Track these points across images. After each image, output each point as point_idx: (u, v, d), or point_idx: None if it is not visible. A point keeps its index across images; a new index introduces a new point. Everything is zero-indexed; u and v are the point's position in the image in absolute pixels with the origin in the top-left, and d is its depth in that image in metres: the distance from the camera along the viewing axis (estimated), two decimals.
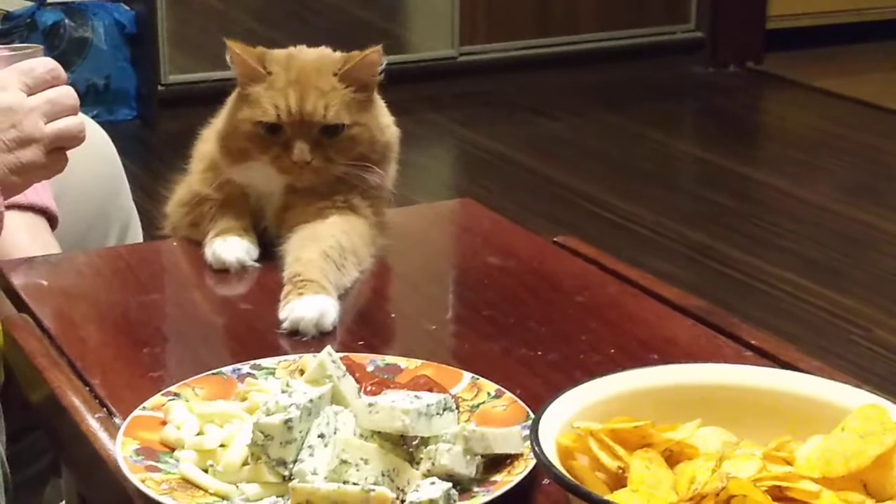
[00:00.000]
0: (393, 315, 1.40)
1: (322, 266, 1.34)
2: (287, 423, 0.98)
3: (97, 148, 1.71)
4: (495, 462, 1.00)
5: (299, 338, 1.26)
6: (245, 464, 1.00)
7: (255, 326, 1.31)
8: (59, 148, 1.31)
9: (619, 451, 0.93)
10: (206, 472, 1.00)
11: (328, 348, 1.06)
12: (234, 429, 1.03)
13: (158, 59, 4.39)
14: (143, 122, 4.46)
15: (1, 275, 1.40)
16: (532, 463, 0.98)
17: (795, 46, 5.27)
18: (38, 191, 1.56)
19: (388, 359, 1.16)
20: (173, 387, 1.11)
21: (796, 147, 4.40)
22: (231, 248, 1.42)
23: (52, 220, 1.60)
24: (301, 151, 1.40)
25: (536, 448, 0.91)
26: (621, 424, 0.94)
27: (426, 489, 0.95)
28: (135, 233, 1.78)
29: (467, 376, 1.13)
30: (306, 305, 1.27)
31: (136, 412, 1.07)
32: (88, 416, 1.10)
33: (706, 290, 3.11)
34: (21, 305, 1.34)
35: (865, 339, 2.98)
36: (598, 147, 4.36)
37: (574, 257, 1.46)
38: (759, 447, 0.94)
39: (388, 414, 0.98)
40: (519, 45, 4.95)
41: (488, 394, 1.10)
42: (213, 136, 1.47)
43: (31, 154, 1.28)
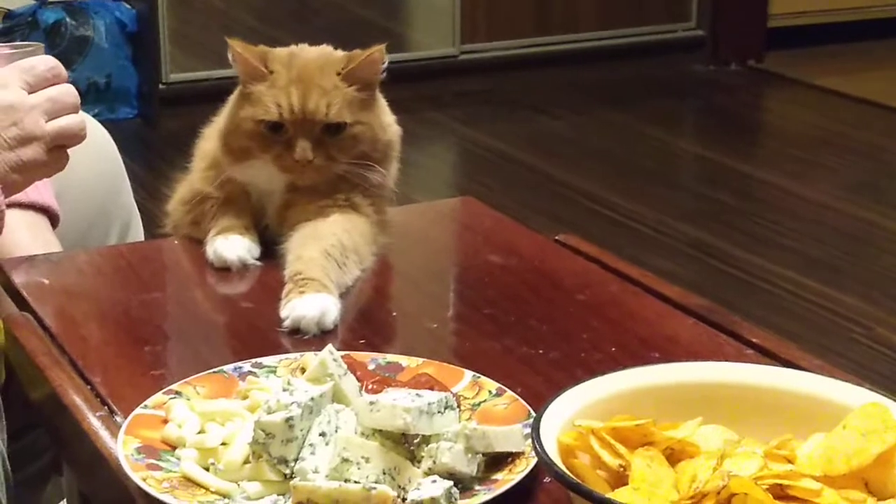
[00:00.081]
0: (394, 313, 1.40)
1: (323, 264, 1.34)
2: (288, 421, 0.98)
3: (98, 146, 1.71)
4: (496, 460, 1.00)
5: (300, 336, 1.26)
6: (246, 462, 1.00)
7: (256, 325, 1.31)
8: (59, 146, 1.31)
9: (621, 449, 0.93)
10: (207, 470, 1.00)
11: (329, 346, 1.06)
12: (236, 427, 1.03)
13: (160, 58, 4.39)
14: (145, 121, 4.45)
15: (2, 273, 1.40)
16: (533, 461, 0.98)
17: (797, 45, 5.27)
18: (39, 189, 1.56)
19: (390, 357, 1.16)
20: (175, 385, 1.11)
21: (797, 145, 4.39)
22: (232, 246, 1.42)
23: (54, 218, 1.60)
24: (303, 150, 1.40)
25: (538, 446, 0.91)
26: (623, 423, 0.94)
27: (427, 487, 0.95)
28: (136, 231, 1.78)
29: (468, 374, 1.13)
30: (308, 304, 1.27)
31: (137, 410, 1.07)
32: (90, 415, 1.10)
33: (707, 288, 3.10)
34: (22, 304, 1.34)
35: (866, 338, 2.97)
36: (600, 145, 4.36)
37: (575, 255, 1.46)
38: (760, 445, 0.94)
39: (390, 412, 0.98)
40: (520, 44, 4.95)
41: (489, 392, 1.10)
42: (215, 135, 1.47)
43: (32, 152, 1.28)
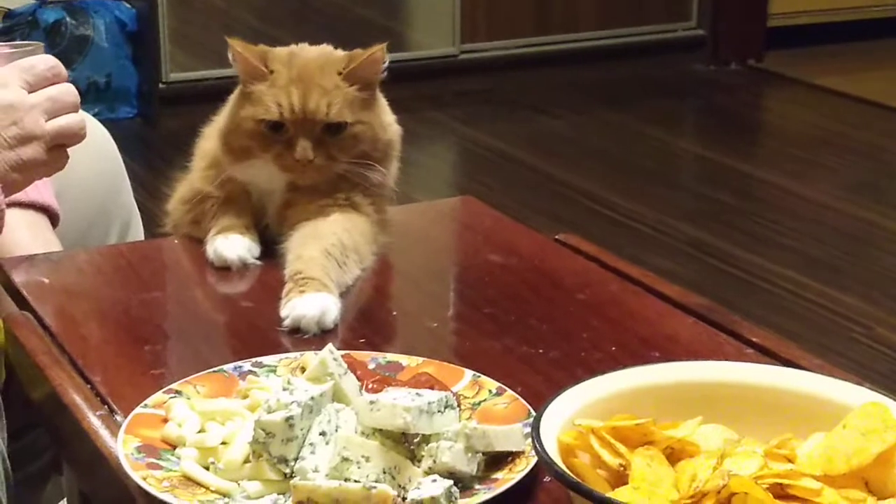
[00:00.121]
0: (394, 313, 1.40)
1: (323, 264, 1.34)
2: (288, 420, 0.98)
3: (98, 146, 1.70)
4: (496, 460, 1.00)
5: (301, 335, 1.26)
6: (246, 461, 1.00)
7: (256, 324, 1.31)
8: (59, 145, 1.31)
9: (621, 448, 0.93)
10: (207, 469, 1.00)
11: (329, 346, 1.06)
12: (236, 426, 1.03)
13: (160, 57, 4.39)
14: (145, 120, 4.45)
15: (2, 272, 1.40)
16: (533, 460, 0.98)
17: (797, 44, 5.27)
18: (39, 188, 1.56)
19: (390, 356, 1.16)
20: (175, 384, 1.11)
21: (797, 145, 4.39)
22: (232, 245, 1.42)
23: (54, 217, 1.60)
24: (304, 149, 1.40)
25: (538, 445, 0.91)
26: (623, 422, 0.94)
27: (427, 487, 0.95)
28: (136, 230, 1.78)
29: (468, 374, 1.13)
30: (308, 303, 1.27)
31: (137, 410, 1.07)
32: (90, 414, 1.10)
33: (707, 287, 3.10)
34: (22, 303, 1.34)
35: (866, 337, 2.97)
36: (600, 145, 4.36)
37: (575, 255, 1.46)
38: (760, 445, 0.94)
39: (390, 411, 0.98)
40: (520, 43, 4.95)
41: (489, 391, 1.10)
42: (215, 134, 1.47)
43: (32, 151, 1.28)
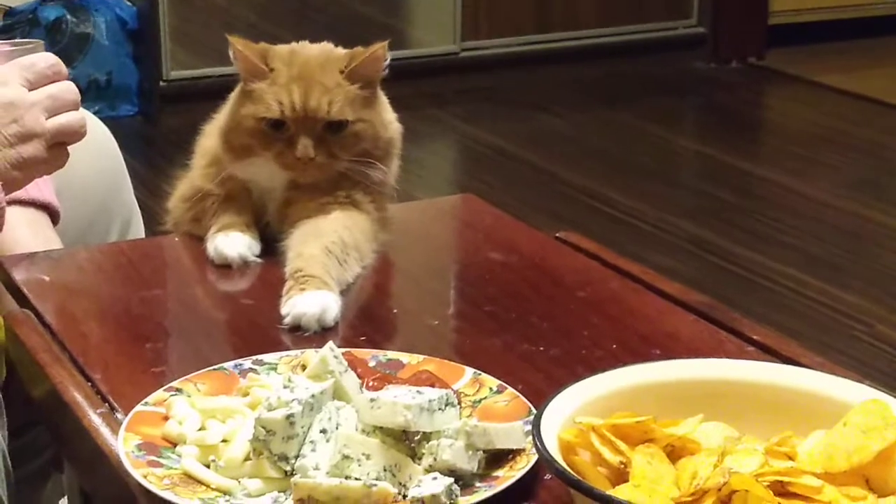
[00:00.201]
0: (395, 310, 1.40)
1: (324, 262, 1.34)
2: (289, 418, 0.98)
3: (99, 143, 1.70)
4: (497, 457, 1.00)
5: (301, 333, 1.26)
6: (247, 459, 1.00)
7: (257, 322, 1.31)
8: (60, 143, 1.31)
9: (621, 446, 0.93)
10: (208, 467, 1.00)
11: (330, 343, 1.06)
12: (236, 424, 1.03)
13: (160, 55, 4.39)
14: (145, 118, 4.45)
15: (3, 270, 1.40)
16: (534, 458, 0.98)
17: (797, 42, 5.27)
18: (39, 186, 1.56)
19: (390, 354, 1.16)
20: (175, 382, 1.11)
21: (798, 143, 4.39)
22: (233, 243, 1.42)
23: (54, 215, 1.60)
24: (305, 147, 1.40)
25: (538, 443, 0.91)
26: (623, 420, 0.94)
27: (428, 484, 0.95)
28: (136, 228, 1.78)
29: (469, 372, 1.13)
30: (308, 301, 1.27)
31: (137, 407, 1.07)
32: (90, 412, 1.10)
33: (708, 285, 3.10)
34: (23, 301, 1.34)
35: (867, 335, 2.97)
36: (600, 143, 4.36)
37: (576, 253, 1.46)
38: (761, 442, 0.94)
39: (390, 409, 0.98)
40: (520, 41, 4.95)
41: (490, 389, 1.10)
42: (216, 132, 1.47)
43: (33, 149, 1.28)
